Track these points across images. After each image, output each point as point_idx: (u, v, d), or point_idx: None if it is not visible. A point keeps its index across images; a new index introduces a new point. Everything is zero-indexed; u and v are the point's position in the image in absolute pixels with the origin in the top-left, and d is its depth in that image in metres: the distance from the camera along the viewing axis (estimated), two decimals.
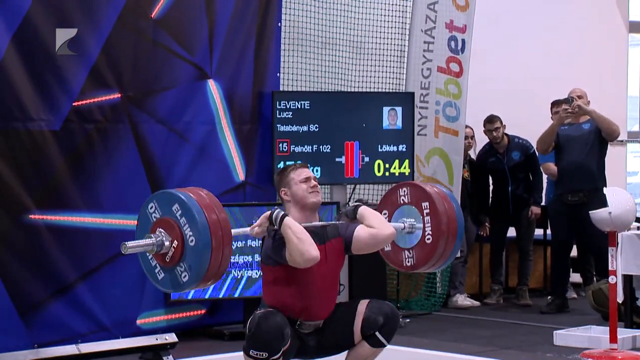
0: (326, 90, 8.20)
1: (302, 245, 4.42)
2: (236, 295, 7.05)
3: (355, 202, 4.82)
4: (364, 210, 4.72)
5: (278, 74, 7.70)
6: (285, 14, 7.88)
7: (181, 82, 7.10)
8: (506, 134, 8.91)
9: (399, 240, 4.91)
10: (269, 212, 4.53)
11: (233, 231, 4.34)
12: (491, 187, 9.09)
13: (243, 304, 7.11)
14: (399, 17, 8.67)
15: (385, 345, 4.71)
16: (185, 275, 4.23)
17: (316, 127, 7.63)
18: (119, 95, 6.77)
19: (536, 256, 9.37)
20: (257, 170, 7.45)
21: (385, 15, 8.58)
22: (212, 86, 7.26)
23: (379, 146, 7.80)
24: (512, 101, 9.56)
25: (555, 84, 9.45)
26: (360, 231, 4.68)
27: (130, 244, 4.27)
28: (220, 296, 7.04)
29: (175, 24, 7.05)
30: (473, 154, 9.19)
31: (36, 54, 6.39)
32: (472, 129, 8.89)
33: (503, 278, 9.29)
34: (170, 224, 4.24)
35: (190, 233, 4.19)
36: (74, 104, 6.56)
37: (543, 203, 9.05)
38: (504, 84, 9.74)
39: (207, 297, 7.00)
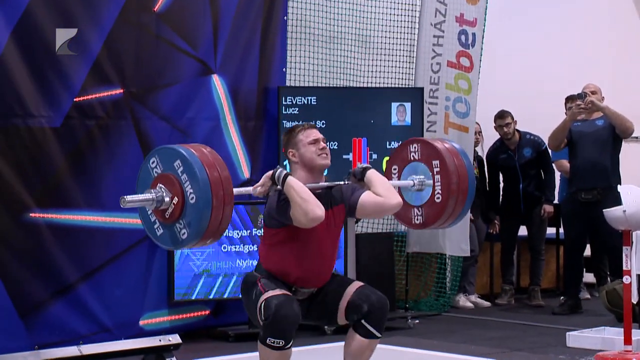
0: (333, 85, 8.18)
1: (306, 205, 4.41)
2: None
3: (364, 165, 4.81)
4: (372, 174, 4.72)
5: (284, 69, 7.70)
6: (291, 7, 7.87)
7: (185, 78, 7.11)
8: (517, 130, 8.90)
9: (408, 197, 4.97)
10: (271, 172, 4.54)
11: (235, 190, 4.35)
12: (501, 185, 9.07)
13: None
14: (408, 10, 8.65)
15: (377, 337, 4.62)
16: (185, 233, 4.25)
17: (323, 124, 7.63)
18: (121, 91, 6.78)
19: (548, 255, 9.36)
20: (263, 168, 7.42)
21: (393, 9, 8.57)
22: (217, 82, 7.27)
23: (388, 143, 7.80)
24: (524, 97, 9.55)
25: (568, 79, 9.45)
26: (366, 198, 4.68)
27: (129, 198, 4.28)
28: (225, 296, 7.05)
29: (179, 18, 7.05)
30: (480, 150, 9.18)
31: (36, 49, 6.40)
32: (479, 124, 8.88)
33: (514, 278, 9.29)
34: (171, 180, 4.26)
35: (191, 190, 4.20)
36: (75, 100, 6.57)
37: (556, 201, 9.04)
38: (515, 79, 9.73)
39: (211, 297, 7.01)
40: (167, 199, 4.26)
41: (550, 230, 9.25)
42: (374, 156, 7.72)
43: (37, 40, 6.39)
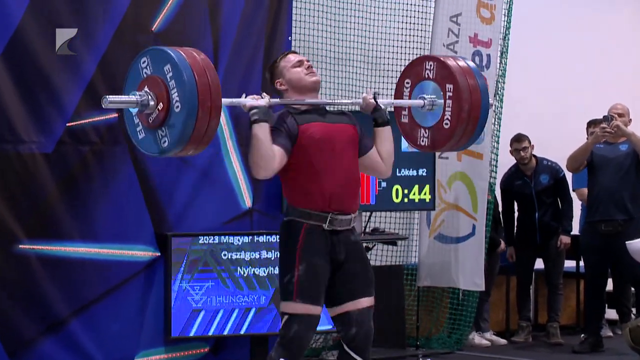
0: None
1: (252, 163, 4.61)
2: (242, 332, 7.02)
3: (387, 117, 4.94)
4: (388, 132, 4.90)
5: None
6: (296, 27, 7.88)
7: None
8: (534, 156, 8.88)
9: (416, 115, 5.02)
10: (252, 103, 4.63)
11: (225, 101, 4.42)
12: (516, 214, 9.04)
13: (250, 341, 7.09)
14: (419, 30, 8.65)
15: None
16: (165, 141, 4.30)
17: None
18: (116, 115, 6.77)
19: (568, 290, 9.31)
20: (265, 197, 7.43)
21: (404, 29, 8.57)
22: None
23: (397, 170, 7.78)
24: (542, 121, 9.54)
25: (588, 103, 9.44)
26: (371, 153, 4.89)
27: (111, 98, 4.32)
28: (225, 333, 7.02)
29: (178, 37, 7.05)
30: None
31: (27, 72, 6.41)
32: None
33: (532, 314, 9.24)
34: (159, 84, 4.29)
35: (177, 97, 4.23)
36: (67, 124, 6.57)
37: (576, 231, 9.00)
38: (533, 103, 9.72)
39: (210, 334, 6.98)
40: (151, 104, 4.30)
41: (570, 263, 9.21)
42: (383, 184, 7.71)
43: (28, 63, 6.40)
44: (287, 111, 4.79)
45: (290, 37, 7.69)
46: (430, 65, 4.99)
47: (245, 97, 4.71)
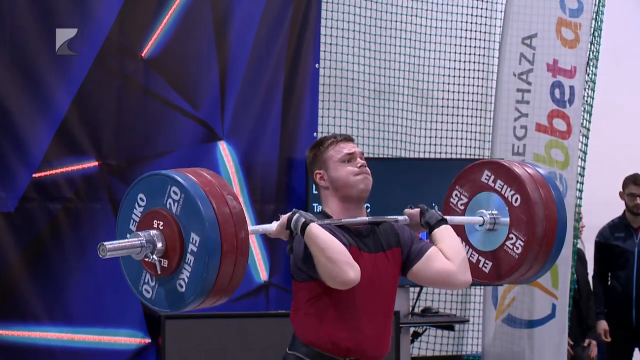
0: (379, 156, 8.17)
1: (333, 266, 4.38)
2: None
3: (440, 214, 4.81)
4: (448, 230, 4.73)
5: (315, 134, 7.69)
6: (325, 51, 7.88)
7: (182, 145, 7.12)
8: None
9: (471, 236, 5.01)
10: (287, 216, 4.48)
11: (251, 229, 4.32)
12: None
13: None
14: (481, 55, 8.66)
15: None
16: (183, 288, 4.20)
17: (367, 207, 7.57)
18: (96, 163, 6.78)
19: None
20: (285, 268, 7.41)
21: (462, 53, 8.58)
22: (224, 150, 7.27)
23: None
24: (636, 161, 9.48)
25: None
26: (433, 257, 4.65)
27: (109, 244, 4.20)
28: None
29: (174, 66, 7.07)
30: (580, 244, 9.08)
31: None
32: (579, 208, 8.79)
33: None
34: (165, 219, 4.22)
35: (193, 236, 4.17)
36: (34, 175, 6.59)
37: None
38: (634, 147, 9.69)
39: None
40: (159, 245, 4.24)
41: None
42: None
43: None
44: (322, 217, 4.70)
45: (317, 65, 7.69)
46: (490, 173, 5.00)
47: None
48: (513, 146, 8.40)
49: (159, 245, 4.20)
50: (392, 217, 4.75)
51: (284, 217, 4.49)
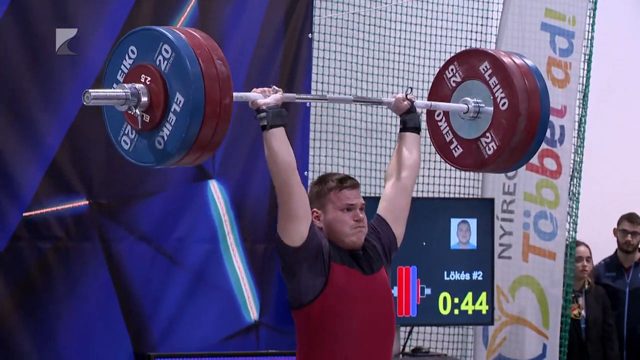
0: (372, 195, 8.18)
1: (278, 170, 4.52)
2: None
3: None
4: (415, 139, 5.03)
5: (305, 173, 7.70)
6: (316, 90, 7.88)
7: (172, 184, 7.12)
8: None
9: (455, 122, 5.08)
10: (269, 102, 4.58)
11: (235, 95, 4.38)
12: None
13: None
14: None
15: None
16: (162, 144, 4.25)
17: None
18: (87, 202, 6.78)
19: None
20: (276, 306, 7.40)
21: None
22: (215, 189, 7.27)
23: (446, 273, 7.75)
24: (629, 202, 9.48)
25: None
26: (386, 191, 4.99)
27: (94, 92, 4.24)
28: None
29: None
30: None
31: None
32: (588, 247, 8.77)
33: None
34: (153, 75, 4.25)
35: (178, 93, 4.21)
36: (24, 214, 6.59)
37: None
38: (629, 184, 9.72)
39: None
40: (144, 99, 4.26)
41: None
42: (427, 291, 7.67)
43: None
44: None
45: (308, 105, 7.70)
46: (489, 67, 5.01)
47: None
48: (504, 185, 8.42)
49: (144, 99, 4.26)
50: (377, 98, 4.81)
51: (260, 100, 4.59)
